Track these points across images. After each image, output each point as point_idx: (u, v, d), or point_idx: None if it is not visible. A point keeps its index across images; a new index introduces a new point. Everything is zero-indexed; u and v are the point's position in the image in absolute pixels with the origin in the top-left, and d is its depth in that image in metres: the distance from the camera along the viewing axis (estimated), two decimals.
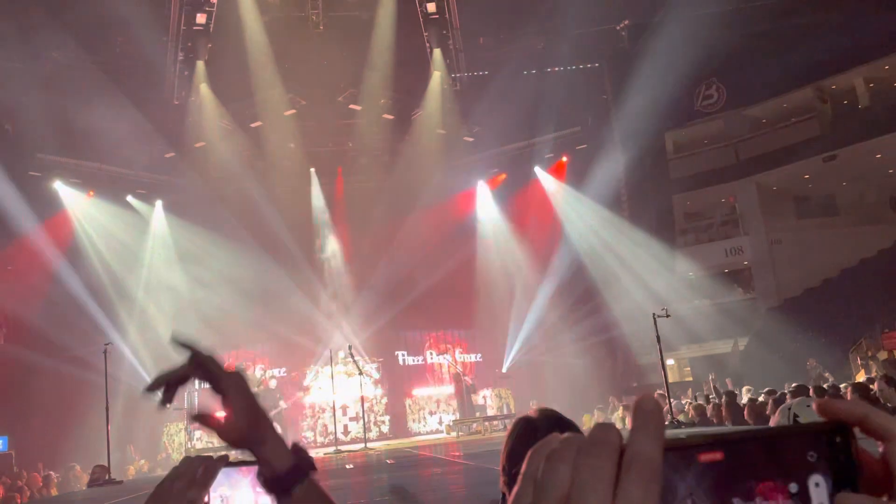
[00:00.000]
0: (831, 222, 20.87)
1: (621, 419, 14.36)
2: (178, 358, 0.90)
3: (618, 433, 0.41)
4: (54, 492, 12.98)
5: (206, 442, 17.16)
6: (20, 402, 15.22)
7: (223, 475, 1.02)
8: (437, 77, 20.69)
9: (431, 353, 20.84)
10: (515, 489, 0.43)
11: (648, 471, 0.39)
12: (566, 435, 0.43)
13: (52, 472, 13.46)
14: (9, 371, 15.43)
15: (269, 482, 0.92)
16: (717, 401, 11.87)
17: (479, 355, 20.87)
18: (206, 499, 1.00)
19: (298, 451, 0.96)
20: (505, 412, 18.58)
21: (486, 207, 21.93)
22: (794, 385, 10.13)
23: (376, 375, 19.52)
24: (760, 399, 10.61)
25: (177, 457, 16.75)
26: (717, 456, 0.41)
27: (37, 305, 16.18)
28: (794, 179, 20.88)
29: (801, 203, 21.76)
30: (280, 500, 0.92)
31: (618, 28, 20.48)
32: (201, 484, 0.98)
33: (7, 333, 16.33)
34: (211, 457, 1.01)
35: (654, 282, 18.51)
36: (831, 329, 15.99)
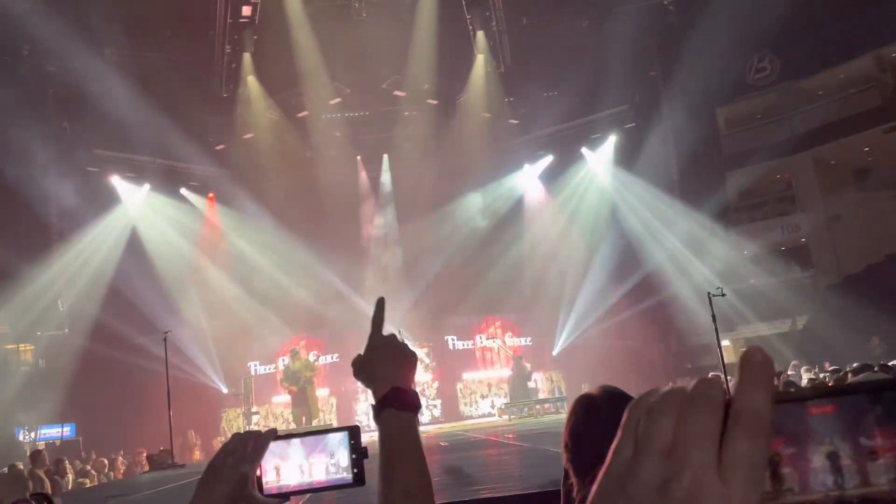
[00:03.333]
0: (894, 195, 20.05)
1: None
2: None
3: (722, 388, 0.40)
4: (121, 475, 13.48)
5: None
6: (86, 390, 15.77)
7: (274, 447, 1.06)
8: (480, 60, 20.56)
9: (481, 338, 20.86)
10: (615, 443, 0.41)
11: (757, 425, 0.37)
12: (668, 388, 0.42)
13: (119, 457, 13.96)
14: (75, 361, 16.01)
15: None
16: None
17: (529, 339, 20.80)
18: (258, 472, 1.04)
19: (397, 393, 1.21)
20: (556, 395, 18.51)
21: (534, 190, 21.76)
22: (855, 364, 9.85)
23: (427, 360, 19.65)
24: (823, 377, 10.33)
25: None
26: (829, 409, 0.39)
27: (99, 297, 16.74)
28: (853, 152, 20.13)
29: (861, 177, 20.93)
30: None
31: (665, 2, 19.96)
32: (252, 458, 1.03)
33: (72, 325, 16.93)
34: (260, 432, 1.07)
35: (708, 261, 18.14)
36: (895, 306, 15.40)
